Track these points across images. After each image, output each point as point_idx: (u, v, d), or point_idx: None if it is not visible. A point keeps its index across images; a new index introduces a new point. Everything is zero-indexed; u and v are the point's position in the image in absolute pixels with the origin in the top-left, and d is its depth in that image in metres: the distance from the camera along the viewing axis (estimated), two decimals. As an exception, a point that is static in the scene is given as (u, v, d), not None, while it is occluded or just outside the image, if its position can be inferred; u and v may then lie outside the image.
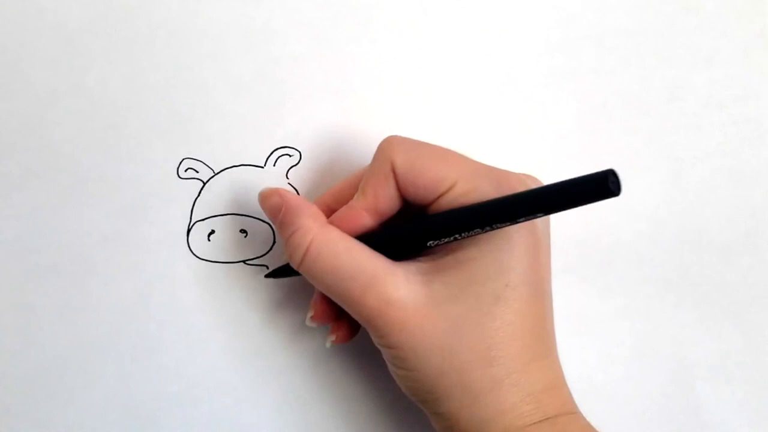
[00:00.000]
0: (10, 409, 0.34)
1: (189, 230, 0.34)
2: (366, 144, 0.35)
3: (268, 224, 0.35)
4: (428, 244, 0.28)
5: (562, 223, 0.36)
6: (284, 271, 0.33)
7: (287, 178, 0.35)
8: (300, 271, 0.30)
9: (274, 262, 0.35)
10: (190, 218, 0.34)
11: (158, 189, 0.34)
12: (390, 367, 0.30)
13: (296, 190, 0.35)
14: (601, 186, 0.23)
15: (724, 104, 0.37)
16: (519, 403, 0.27)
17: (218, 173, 0.35)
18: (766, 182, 0.37)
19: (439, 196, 0.28)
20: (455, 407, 0.28)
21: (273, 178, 0.35)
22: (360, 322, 0.30)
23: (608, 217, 0.36)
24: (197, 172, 0.34)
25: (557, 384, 0.29)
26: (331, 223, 0.30)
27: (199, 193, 0.34)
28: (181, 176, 0.34)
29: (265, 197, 0.32)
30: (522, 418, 0.27)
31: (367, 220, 0.30)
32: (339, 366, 0.35)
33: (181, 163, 0.34)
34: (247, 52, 0.35)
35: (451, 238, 0.27)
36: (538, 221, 0.28)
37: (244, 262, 0.35)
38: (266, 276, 0.35)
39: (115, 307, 0.34)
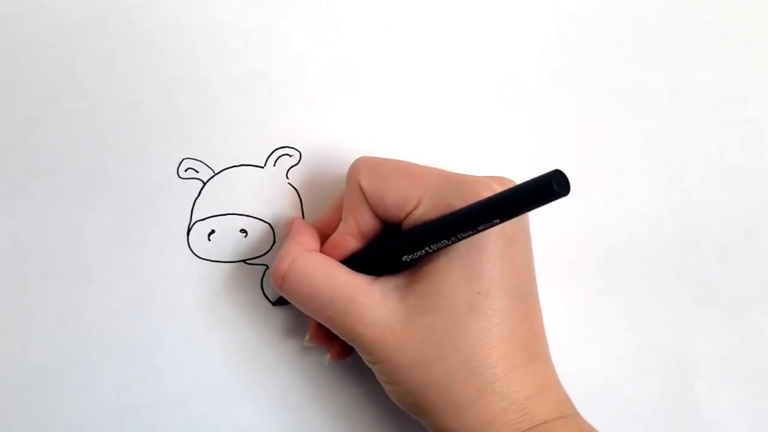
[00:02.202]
0: (10, 409, 0.34)
1: (189, 230, 0.34)
2: (366, 144, 0.35)
3: (269, 224, 0.35)
4: (404, 259, 0.29)
5: (561, 223, 0.36)
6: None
7: (287, 178, 0.35)
8: (284, 295, 0.31)
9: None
10: (190, 218, 0.34)
11: (158, 189, 0.34)
12: (380, 381, 0.30)
13: (296, 190, 0.35)
14: (546, 188, 0.23)
15: (723, 104, 0.37)
16: (502, 412, 0.27)
17: (218, 173, 0.35)
18: (766, 182, 0.37)
19: (408, 214, 0.29)
20: (440, 420, 0.28)
21: (273, 178, 0.35)
22: (345, 340, 0.30)
23: (608, 217, 0.36)
24: (197, 172, 0.34)
25: (546, 388, 0.29)
26: (323, 251, 0.31)
27: (199, 193, 0.34)
28: (181, 176, 0.34)
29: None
30: (507, 428, 0.27)
31: (352, 244, 0.31)
32: (339, 366, 0.35)
33: (181, 163, 0.34)
34: (247, 52, 0.35)
35: (422, 252, 0.28)
36: (511, 223, 0.28)
37: (244, 261, 0.35)
38: (274, 304, 0.35)
39: (115, 307, 0.34)
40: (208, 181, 0.35)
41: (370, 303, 0.29)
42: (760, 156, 0.37)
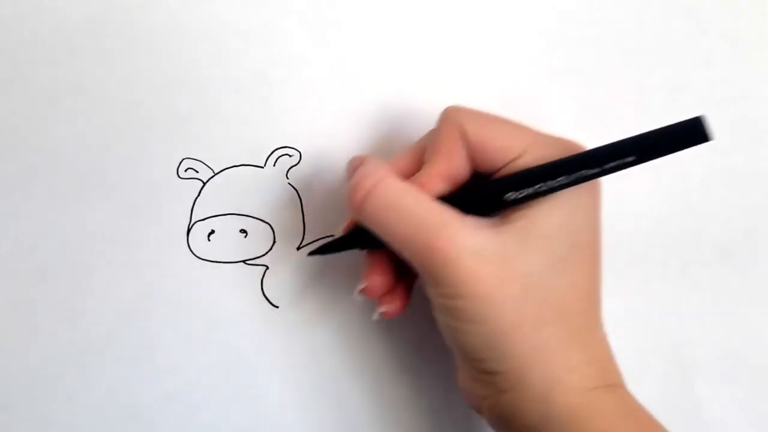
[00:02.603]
0: (10, 409, 0.34)
1: (189, 230, 0.34)
2: (366, 144, 0.35)
3: (269, 224, 0.35)
4: (506, 198, 0.27)
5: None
6: (331, 247, 0.31)
7: (287, 178, 0.35)
8: (360, 217, 0.28)
9: (274, 262, 0.35)
10: (190, 218, 0.34)
11: (158, 189, 0.34)
12: (449, 323, 0.28)
13: (296, 190, 0.35)
14: (693, 131, 0.24)
15: (723, 104, 0.37)
16: (585, 364, 0.27)
17: (218, 173, 0.35)
18: (766, 182, 0.37)
19: (508, 163, 0.28)
20: (522, 365, 0.27)
21: (273, 178, 0.35)
22: (424, 271, 0.27)
23: (608, 217, 0.36)
24: (197, 172, 0.34)
25: (612, 356, 0.28)
26: None
27: (199, 193, 0.34)
28: (181, 176, 0.34)
29: (349, 162, 0.31)
30: (587, 380, 0.27)
31: (440, 186, 0.29)
32: (339, 365, 0.35)
33: (181, 163, 0.34)
34: (247, 52, 0.35)
35: (532, 189, 0.27)
36: (597, 189, 0.28)
37: (244, 262, 0.35)
38: (310, 254, 0.32)
39: (115, 307, 0.34)
40: (208, 181, 0.35)
41: (466, 230, 0.27)
42: (760, 156, 0.37)
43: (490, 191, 0.28)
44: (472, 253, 0.26)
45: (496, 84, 0.36)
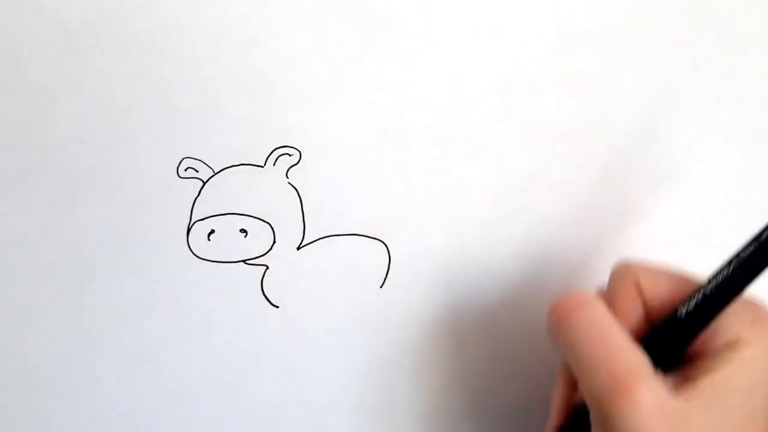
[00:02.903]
0: (10, 409, 0.33)
1: (189, 230, 0.34)
2: (366, 143, 0.35)
3: (269, 224, 0.35)
4: (679, 315, 0.27)
5: (563, 224, 0.36)
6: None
7: (287, 177, 0.35)
8: (558, 328, 0.27)
9: (274, 262, 0.35)
10: (190, 218, 0.34)
11: (158, 189, 0.34)
12: None
13: (296, 189, 0.35)
14: None
15: (723, 104, 0.37)
16: None
17: (218, 173, 0.35)
18: (766, 182, 0.37)
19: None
20: None
21: (273, 177, 0.35)
22: (602, 408, 0.25)
23: (609, 217, 0.36)
24: (197, 171, 0.34)
25: None
26: None
27: (199, 192, 0.34)
28: (181, 176, 0.34)
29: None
30: None
31: None
32: (340, 367, 0.35)
33: (181, 162, 0.34)
34: (247, 52, 0.35)
35: (700, 296, 0.27)
36: None
37: (244, 262, 0.35)
38: None
39: (116, 306, 0.34)
40: (208, 180, 0.35)
41: (657, 378, 0.26)
42: (760, 156, 0.37)
43: (666, 318, 0.27)
44: (659, 405, 0.25)
45: (496, 84, 0.36)
